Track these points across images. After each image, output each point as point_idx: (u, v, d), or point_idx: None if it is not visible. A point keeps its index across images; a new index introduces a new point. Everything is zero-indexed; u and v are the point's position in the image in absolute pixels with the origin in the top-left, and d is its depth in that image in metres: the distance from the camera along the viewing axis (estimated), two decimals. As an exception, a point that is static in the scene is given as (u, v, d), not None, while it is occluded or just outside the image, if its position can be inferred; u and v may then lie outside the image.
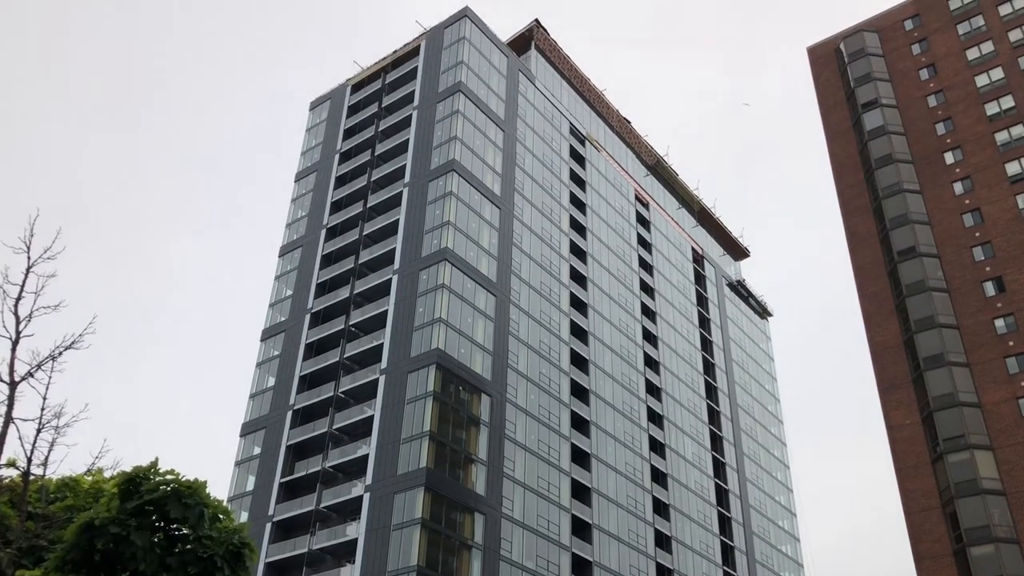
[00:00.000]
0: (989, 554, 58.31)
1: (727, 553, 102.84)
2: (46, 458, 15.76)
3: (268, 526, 74.80)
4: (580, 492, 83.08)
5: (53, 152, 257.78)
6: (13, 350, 16.33)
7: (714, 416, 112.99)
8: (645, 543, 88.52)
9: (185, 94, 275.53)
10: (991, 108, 72.93)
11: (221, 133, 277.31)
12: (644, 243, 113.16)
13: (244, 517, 76.05)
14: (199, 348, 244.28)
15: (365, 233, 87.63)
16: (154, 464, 14.70)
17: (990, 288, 67.27)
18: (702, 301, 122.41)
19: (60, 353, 16.24)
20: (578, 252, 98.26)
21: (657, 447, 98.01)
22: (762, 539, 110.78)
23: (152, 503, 14.18)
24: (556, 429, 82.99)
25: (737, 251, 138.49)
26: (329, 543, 70.86)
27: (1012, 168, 69.87)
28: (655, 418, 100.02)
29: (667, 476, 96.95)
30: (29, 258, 16.72)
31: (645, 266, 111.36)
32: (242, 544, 14.54)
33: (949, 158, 73.04)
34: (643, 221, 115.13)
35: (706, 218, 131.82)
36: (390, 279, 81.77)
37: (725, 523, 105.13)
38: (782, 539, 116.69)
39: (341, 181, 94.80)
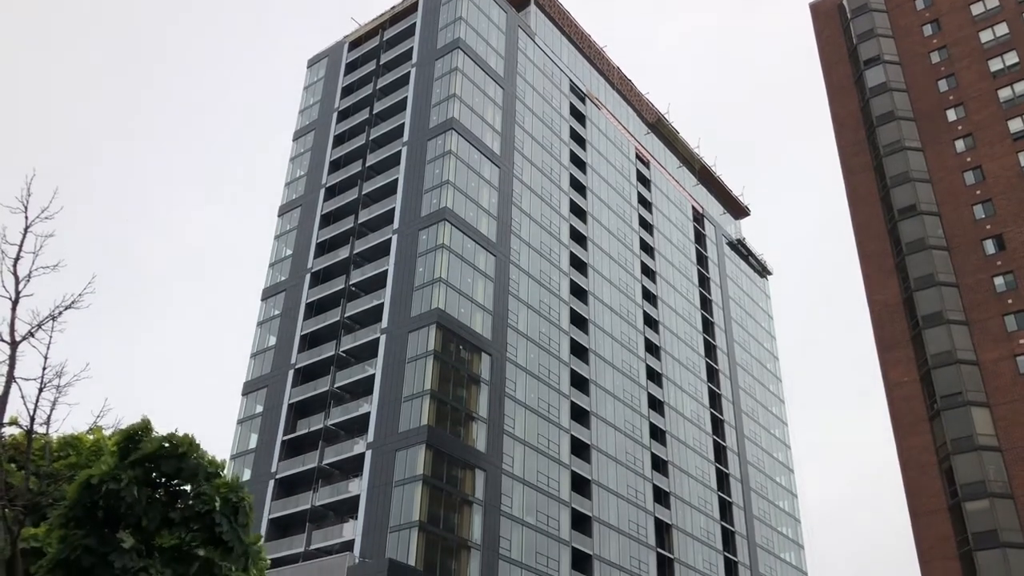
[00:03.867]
0: (984, 509, 59.05)
1: (724, 508, 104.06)
2: (48, 417, 15.94)
3: (271, 483, 75.65)
4: (580, 449, 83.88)
5: (49, 112, 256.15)
6: (13, 310, 16.41)
7: (713, 374, 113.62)
8: (644, 498, 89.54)
9: (182, 52, 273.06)
10: (995, 64, 72.24)
11: (218, 90, 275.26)
12: (644, 202, 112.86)
13: (247, 474, 76.88)
14: (200, 308, 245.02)
15: (364, 192, 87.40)
16: (146, 423, 14.83)
17: (990, 246, 67.24)
18: (702, 260, 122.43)
19: (60, 313, 16.33)
20: (578, 211, 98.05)
21: (656, 405, 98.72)
22: (759, 495, 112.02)
23: (149, 460, 14.35)
24: (556, 387, 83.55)
25: (737, 210, 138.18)
26: (332, 499, 71.77)
27: (1015, 125, 69.42)
28: (654, 376, 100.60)
29: (666, 433, 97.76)
30: (27, 218, 16.73)
31: (645, 225, 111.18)
32: (240, 499, 14.72)
33: (951, 115, 72.52)
34: (643, 180, 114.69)
35: (707, 177, 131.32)
36: (390, 239, 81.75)
37: (723, 479, 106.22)
38: (779, 495, 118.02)
39: (339, 140, 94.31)
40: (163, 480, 14.69)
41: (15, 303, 16.44)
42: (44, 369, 15.78)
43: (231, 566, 14.94)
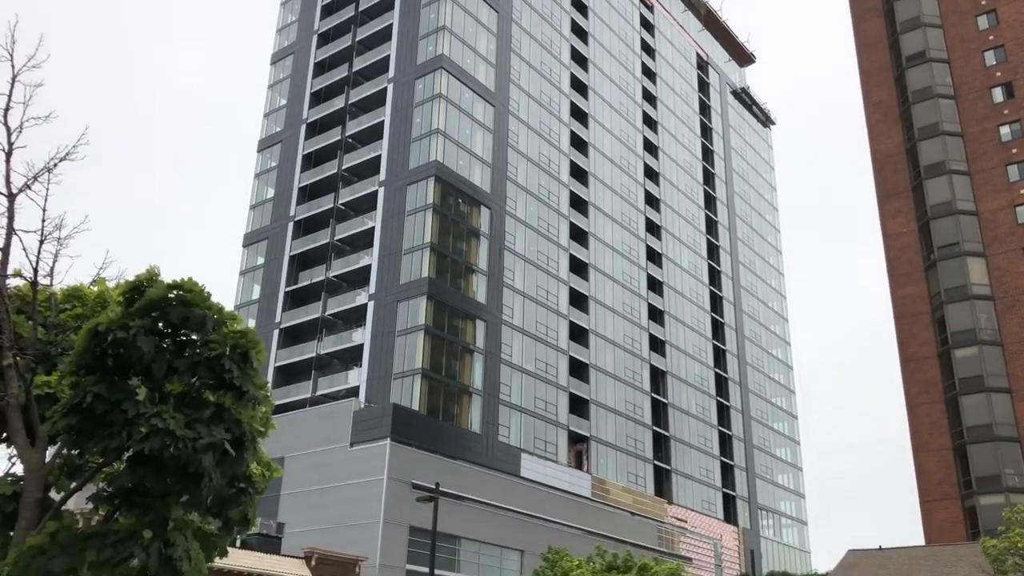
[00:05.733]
0: (972, 356, 60.63)
1: (719, 356, 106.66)
2: (51, 269, 16.10)
3: (276, 332, 77.19)
4: (578, 300, 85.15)
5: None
6: (7, 161, 16.28)
7: (712, 226, 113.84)
8: (640, 347, 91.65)
9: None
10: (1019, -101, 68.52)
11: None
12: (648, 49, 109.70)
13: (251, 324, 78.24)
14: (195, 160, 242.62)
15: (358, 39, 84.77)
16: (152, 273, 14.93)
17: (998, 94, 65.99)
18: (705, 110, 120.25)
19: (55, 164, 16.21)
20: (579, 59, 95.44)
21: (654, 257, 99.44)
22: (754, 343, 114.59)
23: (156, 309, 14.52)
24: (555, 240, 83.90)
25: (743, 57, 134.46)
26: (336, 348, 73.48)
27: (1034, -35, 66.61)
28: (653, 228, 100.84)
29: (663, 284, 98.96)
30: (13, 67, 16.34)
31: (648, 74, 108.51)
32: (249, 345, 14.98)
33: (969, -45, 69.46)
34: (647, 25, 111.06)
35: (712, 22, 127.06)
36: (385, 88, 79.99)
37: (718, 328, 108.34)
38: (773, 343, 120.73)
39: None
40: (170, 330, 14.93)
41: (9, 155, 16.29)
42: (43, 222, 15.83)
43: (242, 409, 15.39)
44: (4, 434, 16.49)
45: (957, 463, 59.60)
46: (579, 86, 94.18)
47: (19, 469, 16.21)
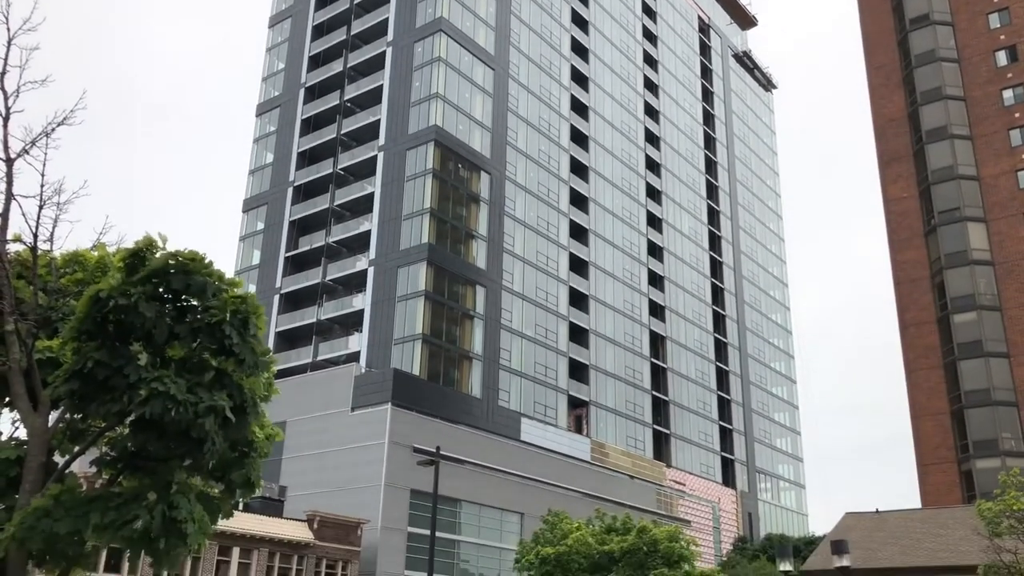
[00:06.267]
0: (971, 321, 60.76)
1: (719, 321, 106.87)
2: (51, 234, 16.10)
3: (276, 298, 77.30)
4: (578, 266, 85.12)
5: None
6: (4, 126, 16.19)
7: (713, 191, 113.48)
8: (640, 312, 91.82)
9: None
10: None
11: None
12: (649, 11, 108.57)
13: (252, 289, 78.16)
14: (192, 125, 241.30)
15: (356, 2, 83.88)
16: (151, 240, 14.92)
17: (1002, 57, 65.45)
18: (706, 73, 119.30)
19: (53, 129, 16.12)
20: (580, 22, 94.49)
21: (654, 222, 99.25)
22: (753, 308, 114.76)
23: (157, 276, 14.54)
24: (555, 206, 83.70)
25: (744, 19, 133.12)
26: (336, 313, 73.65)
27: (1042, -74, 65.71)
28: (654, 194, 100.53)
29: (663, 250, 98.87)
30: (8, 30, 16.19)
31: (649, 37, 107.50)
32: (249, 311, 15.01)
33: (976, -85, 68.48)
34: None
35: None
36: (384, 51, 79.31)
37: (718, 293, 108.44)
38: (773, 308, 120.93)
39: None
40: (171, 296, 14.96)
41: (6, 119, 16.20)
42: (42, 187, 15.79)
43: (243, 375, 15.47)
44: (7, 399, 16.60)
45: (955, 427, 60.00)
46: (580, 49, 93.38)
47: (22, 433, 16.35)
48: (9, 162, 16.05)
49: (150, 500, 14.88)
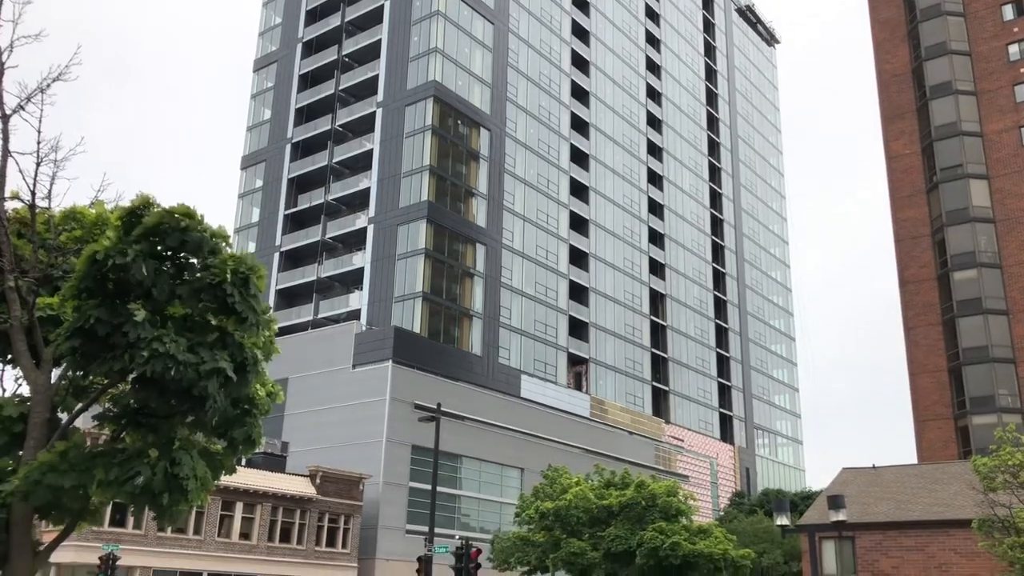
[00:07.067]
0: (971, 278, 60.72)
1: (719, 279, 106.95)
2: (49, 192, 16.01)
3: (276, 256, 77.26)
4: (578, 224, 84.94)
5: None
6: (-1, 82, 16.02)
7: (714, 148, 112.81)
8: (640, 270, 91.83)
9: None
10: None
11: None
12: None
13: (252, 247, 78.33)
14: (189, 81, 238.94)
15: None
16: (146, 198, 14.85)
17: (1008, 11, 64.59)
18: (709, 27, 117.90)
19: (48, 85, 15.93)
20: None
21: (655, 179, 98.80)
22: (753, 266, 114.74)
23: (153, 234, 14.49)
24: (555, 163, 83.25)
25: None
26: (337, 271, 73.66)
27: None
28: (655, 151, 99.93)
29: (663, 207, 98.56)
30: (-1, -16, 15.92)
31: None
32: (249, 269, 14.98)
33: None
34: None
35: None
36: (382, 4, 78.28)
37: (718, 251, 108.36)
38: (773, 266, 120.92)
39: None
40: (168, 253, 14.92)
41: (0, 75, 16.03)
42: (39, 144, 15.67)
43: (244, 334, 15.49)
44: (9, 356, 16.65)
45: (952, 384, 60.29)
46: (581, 3, 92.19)
47: (25, 390, 16.43)
48: (4, 118, 15.91)
49: (152, 456, 15.02)
